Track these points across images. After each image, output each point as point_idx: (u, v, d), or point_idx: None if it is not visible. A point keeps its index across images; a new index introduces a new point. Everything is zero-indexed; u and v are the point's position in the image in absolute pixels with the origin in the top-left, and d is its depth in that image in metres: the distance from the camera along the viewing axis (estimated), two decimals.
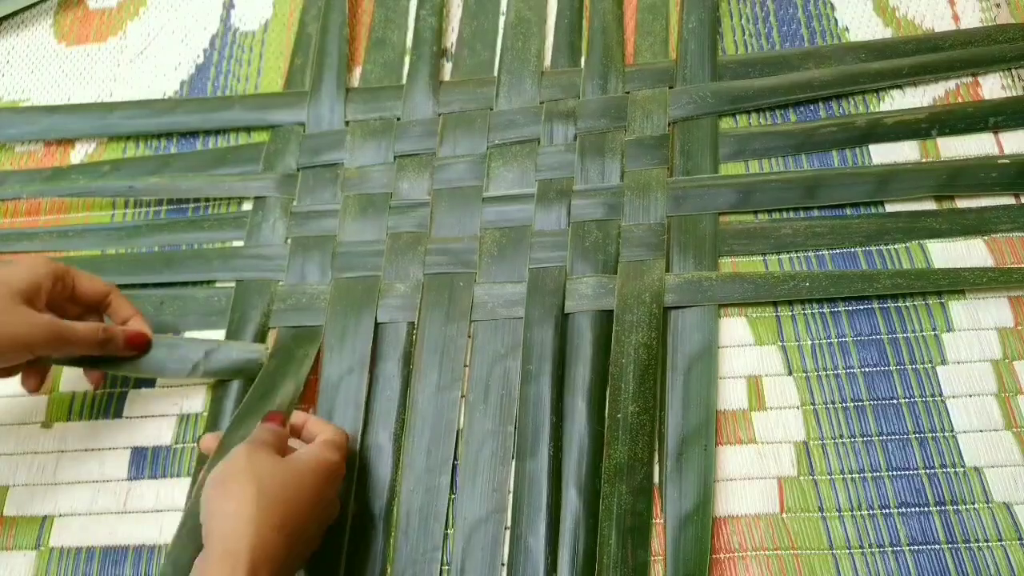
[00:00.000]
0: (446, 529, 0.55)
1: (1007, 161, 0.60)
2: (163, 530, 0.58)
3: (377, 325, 0.62)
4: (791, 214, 0.62)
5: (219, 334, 0.65)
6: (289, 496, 0.47)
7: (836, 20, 0.69)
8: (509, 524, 0.55)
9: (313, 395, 0.61)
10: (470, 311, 0.62)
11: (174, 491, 0.59)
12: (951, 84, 0.65)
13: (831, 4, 0.70)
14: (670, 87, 0.68)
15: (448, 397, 0.59)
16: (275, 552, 0.44)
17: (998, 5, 0.67)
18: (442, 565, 0.54)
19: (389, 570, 0.55)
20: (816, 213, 0.61)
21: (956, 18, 0.67)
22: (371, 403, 0.60)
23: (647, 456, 0.54)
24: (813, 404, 0.55)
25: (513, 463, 0.56)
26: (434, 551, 0.55)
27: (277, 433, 0.51)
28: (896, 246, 0.59)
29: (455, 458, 0.57)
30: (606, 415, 0.56)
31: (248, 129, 0.75)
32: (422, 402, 0.59)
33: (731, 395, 0.56)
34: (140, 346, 0.60)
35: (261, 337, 0.64)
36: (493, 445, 0.57)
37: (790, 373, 0.56)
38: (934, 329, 0.56)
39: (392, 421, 0.59)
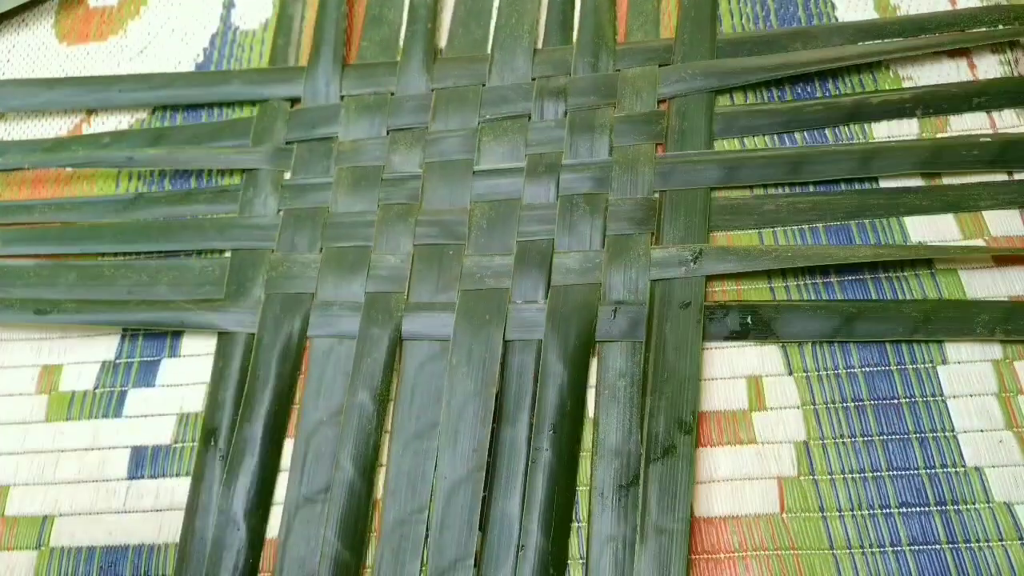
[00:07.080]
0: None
1: (989, 139, 0.60)
2: (163, 530, 0.58)
3: (367, 294, 0.63)
4: (780, 190, 0.63)
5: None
6: None
7: (836, 20, 0.69)
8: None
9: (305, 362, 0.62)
10: (458, 281, 0.63)
11: (174, 491, 0.60)
12: (943, 64, 0.65)
13: (831, 3, 0.70)
14: (660, 65, 0.69)
15: (435, 365, 0.60)
16: None
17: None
18: (427, 527, 0.55)
19: (375, 531, 0.56)
20: (811, 189, 0.62)
21: None
22: (358, 366, 0.61)
23: (629, 431, 0.55)
24: (813, 404, 0.55)
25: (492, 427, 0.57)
26: (420, 512, 0.56)
27: None
28: (879, 220, 0.59)
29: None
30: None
31: (246, 103, 0.76)
32: (410, 369, 0.60)
33: (731, 395, 0.56)
34: None
35: (256, 305, 0.65)
36: (474, 407, 0.58)
37: (790, 373, 0.56)
38: None
39: (377, 383, 0.60)
